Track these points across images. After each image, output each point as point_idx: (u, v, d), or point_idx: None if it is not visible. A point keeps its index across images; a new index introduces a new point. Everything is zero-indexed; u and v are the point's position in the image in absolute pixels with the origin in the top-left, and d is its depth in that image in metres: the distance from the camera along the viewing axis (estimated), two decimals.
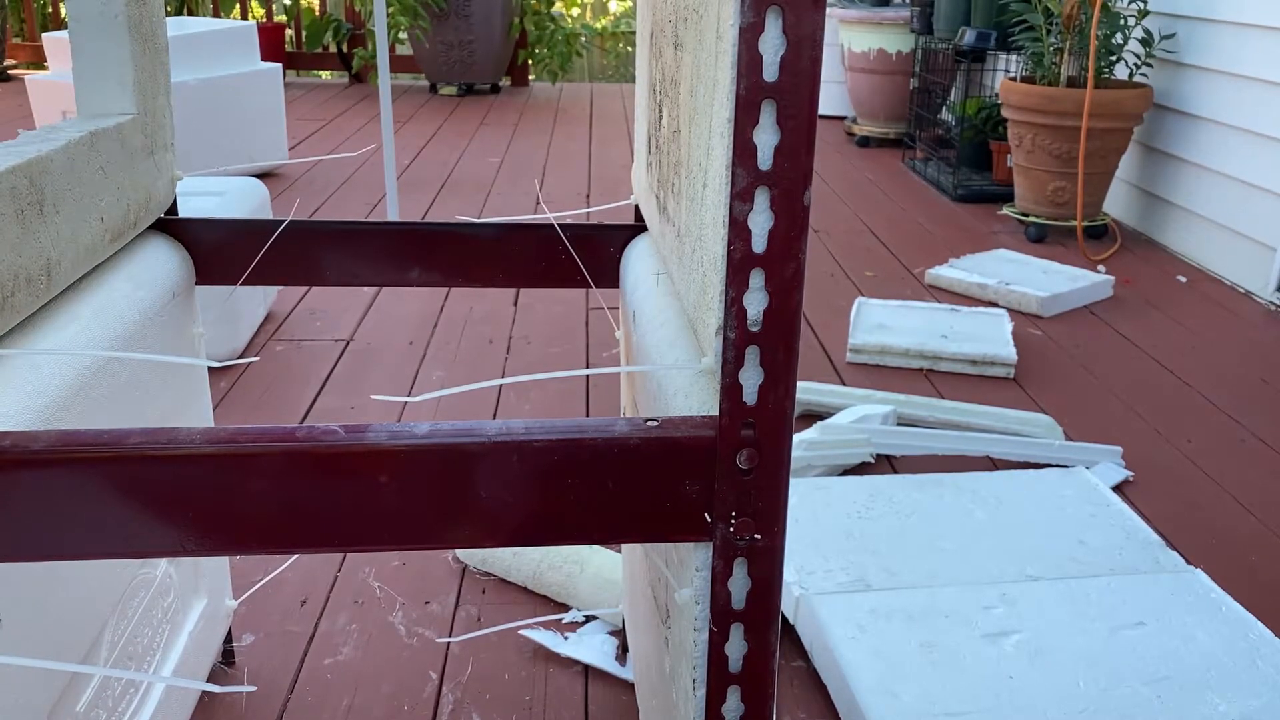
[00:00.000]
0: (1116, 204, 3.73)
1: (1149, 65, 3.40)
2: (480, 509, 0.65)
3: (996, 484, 1.78)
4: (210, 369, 2.06)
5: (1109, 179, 3.46)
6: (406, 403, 2.16)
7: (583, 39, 6.94)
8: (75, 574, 0.90)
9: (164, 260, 1.08)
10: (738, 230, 0.59)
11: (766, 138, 0.57)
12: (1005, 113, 3.53)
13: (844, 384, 2.31)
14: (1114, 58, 3.40)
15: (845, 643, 1.35)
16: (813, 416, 2.10)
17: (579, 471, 0.65)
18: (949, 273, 2.97)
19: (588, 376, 2.30)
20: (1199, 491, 1.89)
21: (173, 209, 1.15)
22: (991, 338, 2.46)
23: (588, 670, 1.40)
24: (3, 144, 0.86)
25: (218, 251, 1.13)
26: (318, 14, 6.70)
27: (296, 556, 1.61)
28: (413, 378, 2.32)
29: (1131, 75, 3.46)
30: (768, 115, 0.57)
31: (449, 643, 1.45)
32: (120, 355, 0.93)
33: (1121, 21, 3.37)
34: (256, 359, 2.38)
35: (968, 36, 4.01)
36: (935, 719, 1.23)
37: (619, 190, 3.97)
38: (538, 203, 3.80)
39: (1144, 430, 2.13)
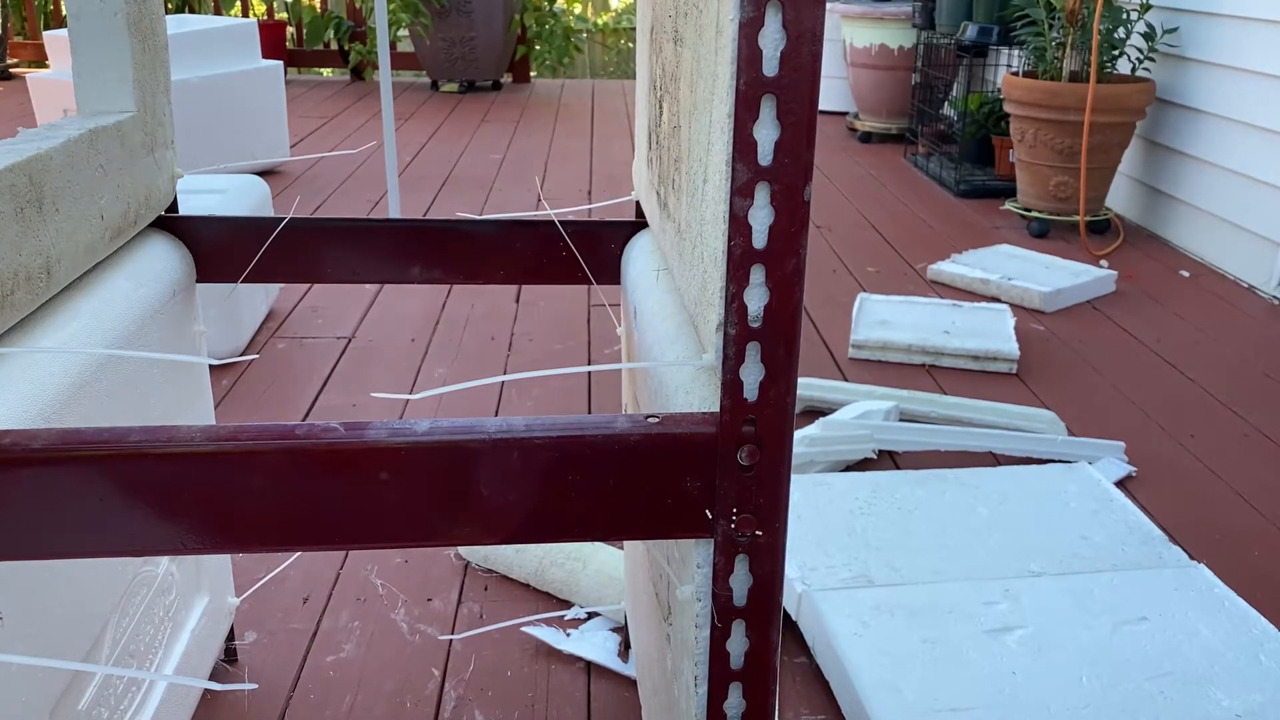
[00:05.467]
0: (1119, 199, 3.73)
1: (1151, 60, 3.40)
2: (481, 506, 0.65)
3: (999, 480, 1.77)
4: (212, 367, 2.06)
5: (1111, 174, 3.45)
6: (408, 400, 2.16)
7: (582, 34, 6.92)
8: (76, 572, 0.90)
9: (164, 258, 1.07)
10: (738, 226, 0.59)
11: (767, 133, 0.57)
12: (1007, 108, 3.53)
13: (846, 380, 2.31)
14: (1116, 52, 3.39)
15: (848, 639, 1.35)
16: (815, 412, 2.10)
17: (580, 469, 0.65)
18: (951, 268, 2.97)
19: (589, 373, 2.30)
20: (1202, 486, 1.89)
21: (173, 207, 1.15)
22: (994, 333, 2.46)
23: (590, 667, 1.40)
24: (2, 142, 0.86)
25: (218, 249, 1.13)
26: (319, 11, 6.70)
27: (298, 554, 1.61)
28: (414, 375, 2.32)
29: (1134, 70, 3.45)
30: (768, 110, 0.57)
31: (451, 640, 1.45)
32: (121, 354, 0.93)
33: (1124, 16, 3.37)
34: (257, 357, 2.38)
35: (970, 31, 4.01)
36: (938, 715, 1.23)
37: (620, 187, 3.97)
38: (539, 200, 3.80)
39: (1147, 425, 2.12)
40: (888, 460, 1.95)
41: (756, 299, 0.60)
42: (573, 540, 0.68)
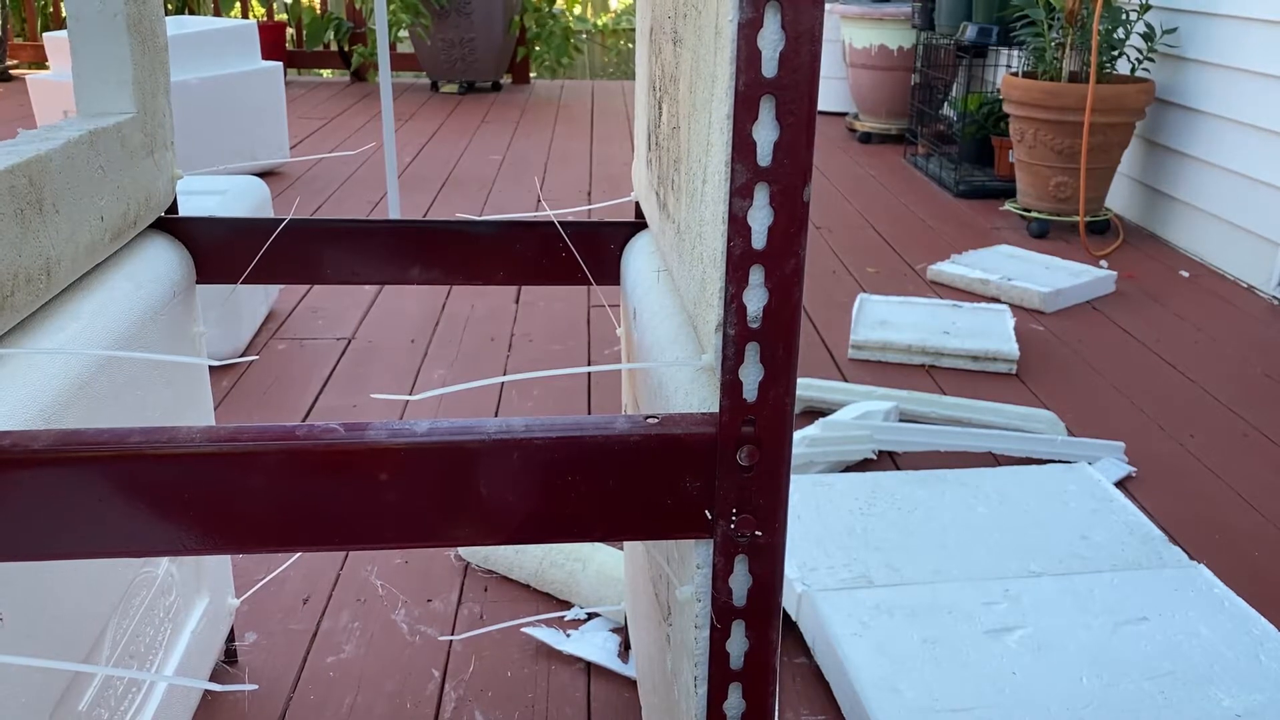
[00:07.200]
0: (1119, 199, 3.73)
1: (1151, 60, 3.40)
2: (481, 507, 0.65)
3: (999, 480, 1.77)
4: (212, 368, 2.06)
5: (1111, 174, 3.45)
6: (408, 401, 2.16)
7: (582, 35, 6.92)
8: (77, 573, 0.90)
9: (164, 259, 1.07)
10: (737, 226, 0.59)
11: (766, 133, 0.57)
12: (1007, 108, 3.53)
13: (846, 380, 2.31)
14: (1116, 52, 3.39)
15: (848, 639, 1.35)
16: (815, 413, 2.10)
17: (579, 469, 0.65)
18: (951, 269, 2.97)
19: (589, 374, 2.30)
20: (1202, 486, 1.89)
21: (173, 208, 1.15)
22: (993, 333, 2.46)
23: (590, 668, 1.40)
24: (2, 143, 0.86)
25: (218, 250, 1.13)
26: (318, 12, 6.70)
27: (298, 555, 1.61)
28: (414, 376, 2.32)
29: (1133, 70, 3.45)
30: (767, 111, 0.57)
31: (451, 640, 1.45)
32: (120, 354, 0.93)
33: (1123, 16, 3.37)
34: (257, 358, 2.38)
35: (969, 32, 4.01)
36: (938, 715, 1.23)
37: (620, 187, 3.97)
38: (539, 200, 3.80)
39: (1147, 425, 2.12)
40: (888, 460, 1.95)
41: (756, 299, 0.60)
42: (572, 540, 0.68)
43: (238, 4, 7.13)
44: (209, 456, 0.63)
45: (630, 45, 8.51)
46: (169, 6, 6.47)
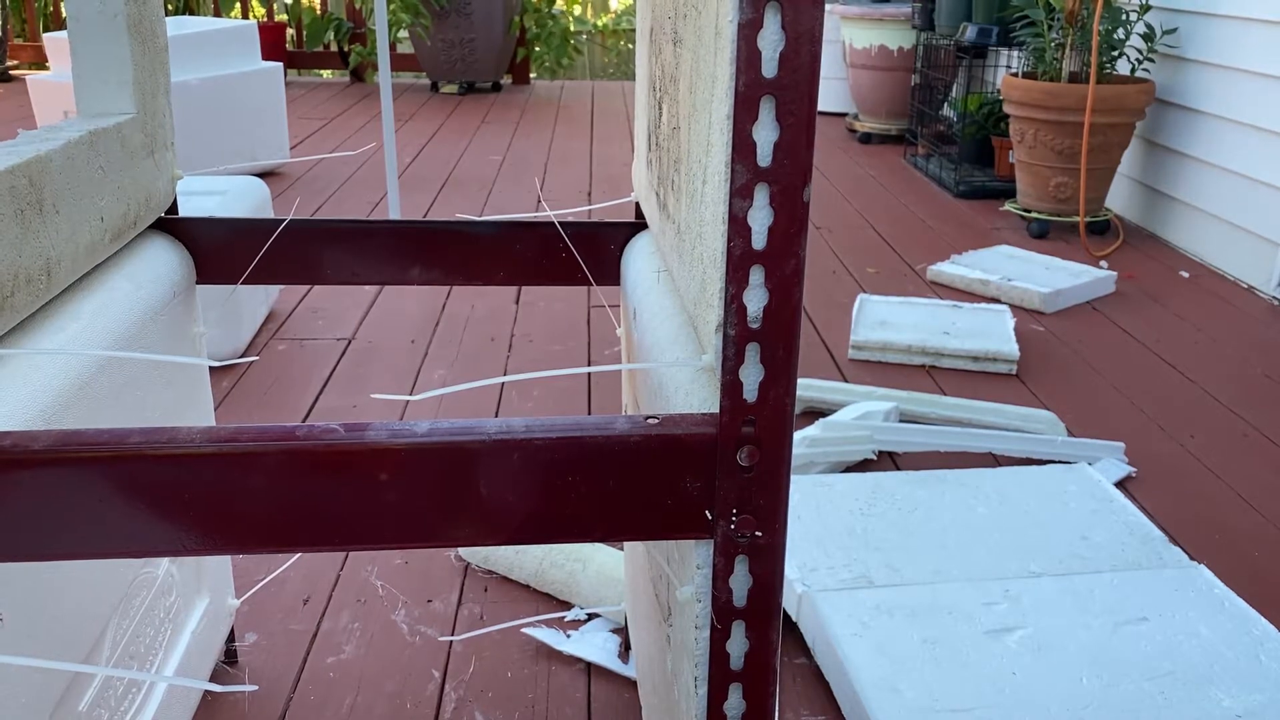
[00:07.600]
0: (1119, 199, 3.73)
1: (1151, 60, 3.40)
2: (481, 507, 0.65)
3: (999, 480, 1.77)
4: (212, 368, 2.06)
5: (1111, 174, 3.45)
6: (408, 401, 2.16)
7: (581, 35, 6.92)
8: (77, 573, 0.90)
9: (164, 260, 1.08)
10: (737, 227, 0.59)
11: (766, 134, 0.57)
12: (1007, 108, 3.53)
13: (846, 381, 2.31)
14: (1116, 53, 3.39)
15: (848, 639, 1.35)
16: (815, 413, 2.10)
17: (580, 469, 0.65)
18: (951, 269, 2.97)
19: (589, 374, 2.30)
20: (1202, 487, 1.89)
21: (173, 208, 1.15)
22: (994, 334, 2.46)
23: (590, 668, 1.40)
24: (2, 144, 0.86)
25: (218, 251, 1.13)
26: (318, 12, 6.70)
27: (298, 555, 1.61)
28: (414, 376, 2.32)
29: (1133, 70, 3.45)
30: (767, 111, 0.57)
31: (451, 641, 1.45)
32: (121, 355, 0.93)
33: (1123, 16, 3.37)
34: (257, 358, 2.38)
35: (969, 32, 4.01)
36: (938, 715, 1.23)
37: (620, 188, 3.97)
38: (539, 201, 3.80)
39: (1147, 426, 2.12)
40: (888, 461, 1.95)
41: (756, 300, 0.60)
42: (573, 541, 0.68)
43: (238, 4, 7.14)
44: (209, 457, 0.63)
45: (630, 45, 8.51)
46: (169, 7, 6.47)
